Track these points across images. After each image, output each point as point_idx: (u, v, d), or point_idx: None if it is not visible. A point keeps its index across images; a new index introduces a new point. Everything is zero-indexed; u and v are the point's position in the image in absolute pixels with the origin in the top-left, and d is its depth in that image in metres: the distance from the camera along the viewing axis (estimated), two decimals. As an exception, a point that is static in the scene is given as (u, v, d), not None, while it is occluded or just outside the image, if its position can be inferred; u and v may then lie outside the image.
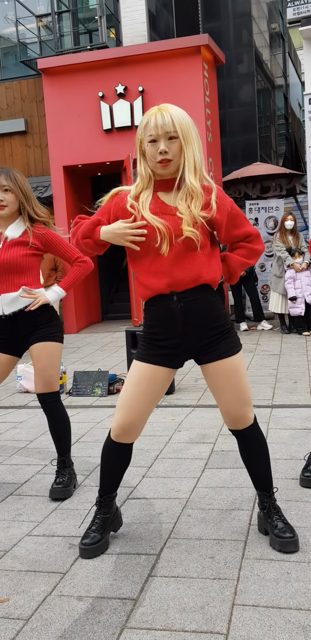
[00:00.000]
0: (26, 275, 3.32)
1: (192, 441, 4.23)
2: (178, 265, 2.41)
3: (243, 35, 15.86)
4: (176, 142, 2.34)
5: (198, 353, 2.55)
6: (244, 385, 2.57)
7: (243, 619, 2.11)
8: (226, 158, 13.45)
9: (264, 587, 2.31)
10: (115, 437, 2.61)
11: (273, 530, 2.61)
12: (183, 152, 2.36)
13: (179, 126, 2.33)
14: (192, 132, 2.38)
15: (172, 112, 2.35)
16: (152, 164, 2.39)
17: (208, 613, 2.16)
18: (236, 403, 2.55)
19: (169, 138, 2.34)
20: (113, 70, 10.91)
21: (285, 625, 2.07)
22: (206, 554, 2.60)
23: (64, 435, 3.46)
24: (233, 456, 3.80)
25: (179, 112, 2.38)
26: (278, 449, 3.91)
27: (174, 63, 10.65)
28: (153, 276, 2.45)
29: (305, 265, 9.14)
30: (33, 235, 3.30)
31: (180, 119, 2.35)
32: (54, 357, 3.34)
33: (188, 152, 2.35)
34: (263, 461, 2.67)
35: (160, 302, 2.48)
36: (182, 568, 2.49)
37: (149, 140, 2.37)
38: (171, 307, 2.46)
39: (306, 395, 5.38)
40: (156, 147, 2.35)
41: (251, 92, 15.76)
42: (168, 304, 2.47)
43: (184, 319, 2.48)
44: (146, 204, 2.41)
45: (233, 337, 2.56)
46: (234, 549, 2.62)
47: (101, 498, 2.73)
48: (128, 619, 2.16)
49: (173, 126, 2.32)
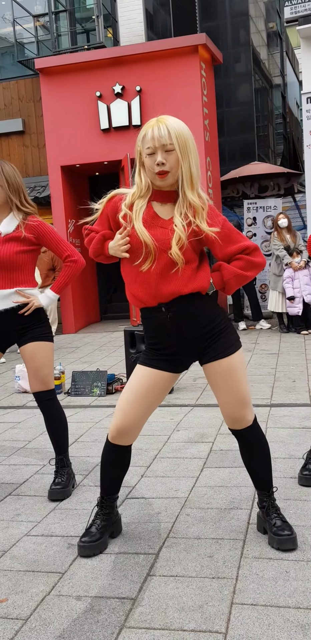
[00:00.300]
0: (21, 272, 3.30)
1: (191, 440, 4.23)
2: (162, 278, 2.43)
3: (240, 34, 15.84)
4: (173, 154, 2.35)
5: (199, 355, 2.57)
6: (243, 385, 2.56)
7: (242, 618, 2.11)
8: (224, 157, 13.45)
9: (263, 586, 2.31)
10: (112, 439, 2.63)
11: (271, 529, 2.62)
12: (180, 165, 2.36)
13: (175, 138, 2.34)
14: (189, 144, 2.38)
15: (169, 124, 2.35)
16: (151, 176, 2.41)
17: (206, 612, 2.16)
18: (234, 404, 2.55)
19: (166, 150, 2.35)
20: (111, 70, 10.90)
21: (283, 624, 2.07)
22: (205, 553, 2.60)
23: (61, 434, 3.46)
24: (231, 455, 3.80)
25: (177, 124, 2.38)
26: (277, 447, 3.91)
27: (171, 62, 10.65)
28: (139, 286, 2.48)
29: (303, 263, 9.15)
30: (26, 227, 3.26)
31: (177, 131, 2.35)
32: (48, 356, 3.35)
33: (185, 165, 2.36)
34: (263, 462, 2.68)
35: (150, 313, 2.51)
36: (181, 567, 2.49)
37: (148, 153, 2.38)
38: (161, 318, 2.49)
39: (305, 394, 5.38)
40: (154, 159, 2.36)
41: (249, 91, 15.75)
42: (157, 315, 2.49)
43: (176, 328, 2.49)
44: (140, 214, 2.42)
45: (230, 336, 2.55)
46: (233, 548, 2.62)
47: (103, 499, 2.73)
48: (127, 618, 2.16)
49: (169, 138, 2.33)
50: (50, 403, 3.40)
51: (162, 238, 2.40)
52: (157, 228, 2.41)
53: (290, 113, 22.78)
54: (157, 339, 2.54)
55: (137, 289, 2.49)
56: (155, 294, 2.45)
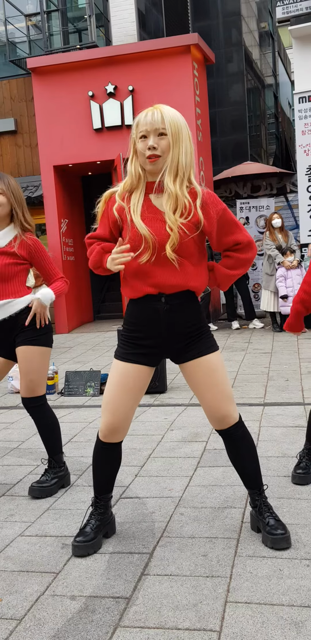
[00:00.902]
0: (11, 282, 3.28)
1: (184, 440, 4.24)
2: (166, 269, 2.43)
3: (232, 34, 15.88)
4: (165, 139, 2.36)
5: (175, 353, 2.59)
6: (225, 382, 2.58)
7: (236, 616, 2.12)
8: (216, 157, 13.48)
9: (256, 584, 2.32)
10: (103, 438, 2.63)
11: (265, 528, 2.63)
12: (170, 150, 2.36)
13: (168, 124, 2.35)
14: (182, 133, 2.39)
15: (163, 110, 2.38)
16: (142, 160, 2.41)
17: (201, 611, 2.17)
18: (217, 400, 2.56)
19: (159, 134, 2.36)
20: (103, 69, 10.89)
21: (277, 621, 2.07)
22: (199, 552, 2.61)
23: (51, 438, 3.45)
24: (225, 454, 3.80)
25: (172, 111, 2.40)
26: (270, 446, 3.92)
27: (164, 62, 10.65)
28: (141, 278, 2.47)
29: (296, 262, 9.18)
30: (20, 244, 3.26)
31: (171, 117, 2.37)
32: (35, 362, 3.29)
33: (174, 152, 2.36)
34: (251, 459, 2.68)
35: (147, 302, 2.50)
36: (175, 566, 2.49)
37: (140, 137, 2.40)
38: (158, 308, 2.49)
39: (298, 393, 5.40)
40: (146, 143, 2.38)
41: (241, 91, 15.79)
42: (155, 305, 2.49)
43: (168, 321, 2.51)
44: (138, 207, 2.42)
45: (209, 339, 2.59)
46: (227, 546, 2.63)
47: (97, 499, 2.73)
48: (121, 617, 2.16)
49: (162, 123, 2.35)
50: (36, 410, 3.38)
51: (163, 230, 2.39)
52: (157, 221, 2.41)
53: (282, 113, 22.85)
54: (142, 327, 2.54)
55: (137, 281, 2.49)
56: (158, 283, 2.45)
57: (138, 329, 2.55)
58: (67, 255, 11.72)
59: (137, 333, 2.55)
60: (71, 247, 11.90)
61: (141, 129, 2.39)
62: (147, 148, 2.37)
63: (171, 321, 2.51)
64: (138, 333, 2.55)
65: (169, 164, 2.37)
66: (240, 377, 6.22)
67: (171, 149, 2.36)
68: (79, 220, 12.62)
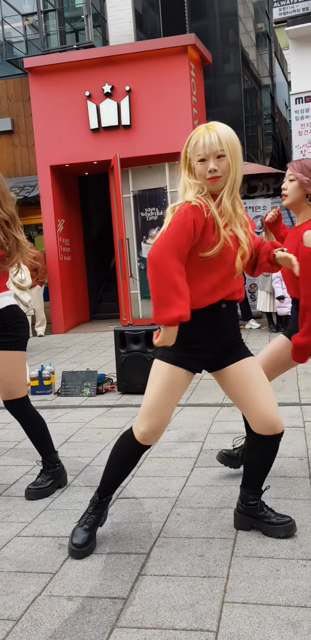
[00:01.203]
0: None
1: (181, 440, 4.24)
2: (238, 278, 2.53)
3: (229, 34, 15.90)
4: (224, 160, 2.40)
5: (221, 358, 2.59)
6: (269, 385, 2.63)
7: (233, 616, 2.12)
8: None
9: (253, 584, 2.32)
10: (143, 441, 2.56)
11: (271, 520, 2.67)
12: (230, 170, 2.41)
13: (226, 144, 2.39)
14: (238, 150, 2.43)
15: (219, 131, 2.41)
16: (202, 181, 2.44)
17: (198, 611, 2.17)
18: (271, 398, 2.57)
19: (217, 157, 2.40)
20: (100, 69, 10.89)
21: (274, 621, 2.08)
22: (196, 552, 2.61)
23: (39, 439, 3.42)
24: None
25: (226, 131, 2.43)
26: (267, 447, 3.93)
27: (161, 63, 10.66)
28: (221, 289, 2.48)
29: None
30: None
31: (227, 138, 2.40)
32: (8, 367, 3.21)
33: (233, 171, 2.42)
34: (271, 463, 2.73)
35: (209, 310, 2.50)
36: (172, 567, 2.50)
37: (198, 160, 2.42)
38: (220, 314, 2.52)
39: (294, 393, 5.40)
40: (205, 165, 2.40)
41: (238, 91, 15.81)
42: (217, 311, 2.52)
43: (225, 326, 2.55)
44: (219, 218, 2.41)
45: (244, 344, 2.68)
46: (224, 546, 2.63)
47: (100, 500, 2.71)
48: (118, 618, 2.16)
49: (220, 145, 2.38)
50: (19, 412, 3.34)
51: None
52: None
53: (279, 114, 22.88)
54: (200, 336, 2.52)
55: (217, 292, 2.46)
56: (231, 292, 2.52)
57: (198, 335, 2.52)
58: (64, 255, 11.71)
59: (194, 337, 2.52)
60: (67, 247, 11.89)
61: (199, 152, 2.41)
62: (208, 171, 2.40)
63: (225, 327, 2.56)
64: (196, 337, 2.52)
65: (229, 182, 2.42)
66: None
67: (231, 168, 2.41)
68: (76, 220, 12.62)
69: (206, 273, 2.45)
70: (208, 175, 2.39)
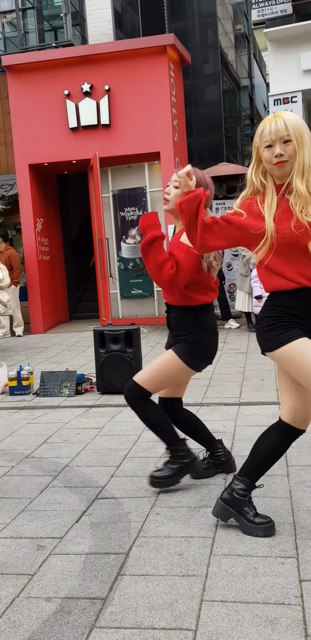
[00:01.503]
0: None
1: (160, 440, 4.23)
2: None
3: (208, 35, 15.96)
4: (290, 144, 2.47)
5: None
6: None
7: (212, 615, 2.13)
8: (192, 158, 13.51)
9: (232, 582, 2.34)
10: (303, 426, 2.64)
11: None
12: (297, 154, 2.47)
13: (292, 130, 2.46)
14: (305, 135, 2.49)
15: (285, 118, 2.49)
16: (269, 167, 2.53)
17: (176, 610, 2.17)
18: None
19: (284, 142, 2.47)
20: (79, 68, 10.85)
21: (252, 619, 2.09)
22: (175, 551, 2.61)
23: None
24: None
25: (293, 117, 2.51)
26: (245, 445, 3.95)
27: (140, 62, 10.65)
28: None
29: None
30: None
31: (293, 123, 2.48)
32: None
33: (300, 155, 2.47)
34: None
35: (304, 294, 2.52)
36: (151, 566, 2.50)
37: (265, 146, 2.51)
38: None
39: (273, 392, 5.44)
40: (272, 151, 2.49)
41: (217, 92, 15.87)
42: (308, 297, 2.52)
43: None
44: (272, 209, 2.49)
45: None
46: (203, 545, 2.64)
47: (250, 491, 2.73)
48: (97, 618, 2.16)
49: (286, 130, 2.46)
50: None
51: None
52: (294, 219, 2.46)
53: (258, 115, 23.02)
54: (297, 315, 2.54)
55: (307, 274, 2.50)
56: None
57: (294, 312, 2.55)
58: (43, 254, 11.63)
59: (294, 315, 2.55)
60: (46, 246, 11.81)
61: (266, 139, 2.49)
62: (274, 156, 2.47)
63: None
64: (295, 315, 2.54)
65: (297, 166, 2.47)
66: (216, 376, 6.25)
67: (297, 153, 2.47)
68: (55, 219, 12.54)
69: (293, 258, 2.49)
70: (274, 160, 2.48)
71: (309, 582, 2.29)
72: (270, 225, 2.46)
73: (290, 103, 11.07)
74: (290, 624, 2.05)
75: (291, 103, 11.05)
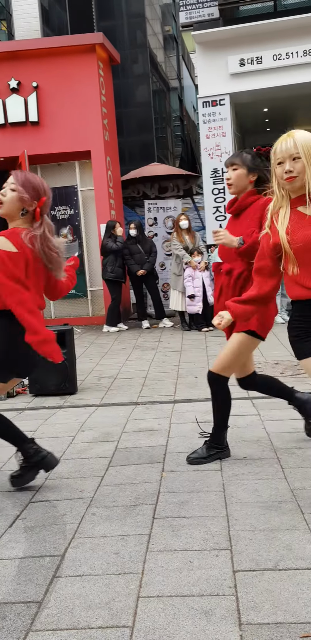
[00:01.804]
0: None
1: (96, 440, 4.23)
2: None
3: (137, 35, 16.01)
4: (299, 161, 2.66)
5: None
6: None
7: (148, 610, 2.15)
8: (124, 157, 13.54)
9: (168, 577, 2.36)
10: None
11: None
12: (306, 170, 2.66)
13: (301, 148, 2.65)
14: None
15: (295, 137, 2.68)
16: (282, 183, 2.73)
17: (113, 608, 2.18)
18: None
19: (293, 159, 2.67)
20: (5, 64, 10.62)
21: (188, 612, 2.12)
22: (111, 550, 2.61)
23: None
24: (136, 453, 3.84)
25: (303, 135, 2.69)
26: (180, 442, 4.00)
27: (69, 60, 10.56)
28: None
29: (204, 265, 9.41)
30: None
31: (303, 141, 2.67)
32: None
33: (309, 170, 2.66)
34: None
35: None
36: (87, 566, 2.49)
37: (277, 163, 2.72)
38: None
39: (207, 389, 5.51)
40: (283, 167, 2.70)
41: (147, 92, 15.96)
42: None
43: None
44: (285, 221, 2.73)
45: None
46: (139, 543, 2.66)
47: None
48: (33, 622, 2.13)
49: (295, 148, 2.66)
50: None
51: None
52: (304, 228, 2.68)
53: (187, 116, 23.31)
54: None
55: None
56: None
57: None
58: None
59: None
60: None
61: (278, 157, 2.71)
62: (285, 172, 2.68)
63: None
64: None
65: (308, 180, 2.66)
66: (151, 375, 6.29)
67: (307, 168, 2.65)
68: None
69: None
70: (285, 176, 2.68)
71: (242, 572, 2.35)
72: (283, 237, 2.70)
73: (218, 105, 11.27)
74: (224, 614, 2.09)
75: (219, 106, 11.26)
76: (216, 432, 3.65)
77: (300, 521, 2.75)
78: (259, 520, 2.78)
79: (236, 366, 3.60)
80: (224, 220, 11.14)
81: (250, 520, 2.79)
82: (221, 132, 11.26)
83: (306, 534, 2.62)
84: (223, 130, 11.26)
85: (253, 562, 2.42)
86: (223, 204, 11.30)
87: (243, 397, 5.12)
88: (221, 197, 11.36)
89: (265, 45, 10.81)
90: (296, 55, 10.80)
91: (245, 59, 10.98)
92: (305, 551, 2.47)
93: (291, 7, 11.12)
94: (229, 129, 11.26)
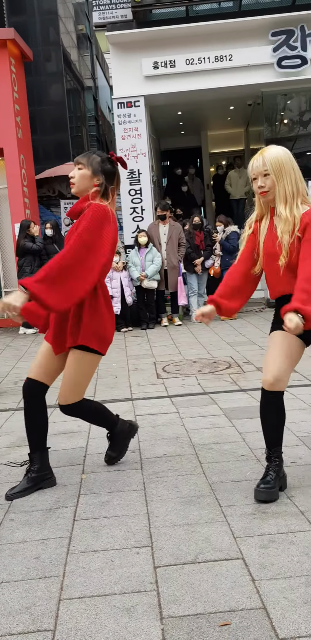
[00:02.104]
0: None
1: (13, 445, 4.14)
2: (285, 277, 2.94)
3: (50, 33, 15.77)
4: (269, 177, 2.90)
5: None
6: None
7: (70, 612, 2.14)
8: (38, 156, 13.29)
9: (89, 578, 2.36)
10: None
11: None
12: (275, 185, 2.90)
13: (270, 165, 2.88)
14: (285, 167, 2.89)
15: (264, 154, 2.91)
16: (257, 196, 3.00)
17: (34, 613, 2.15)
18: None
19: (264, 175, 2.91)
20: None
21: (110, 610, 2.14)
22: (31, 555, 2.58)
23: None
24: (56, 455, 3.80)
25: (273, 152, 2.91)
26: (100, 443, 4.00)
27: (-21, 55, 10.25)
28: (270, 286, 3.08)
29: (121, 265, 9.43)
30: None
31: (271, 158, 2.89)
32: None
33: (279, 186, 2.90)
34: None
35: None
36: (6, 573, 2.44)
37: (252, 179, 2.97)
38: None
39: (126, 389, 5.57)
40: (256, 182, 2.96)
41: (61, 91, 15.75)
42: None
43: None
44: (264, 230, 3.00)
45: None
46: (59, 545, 2.64)
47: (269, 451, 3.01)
48: None
49: (264, 166, 2.89)
50: None
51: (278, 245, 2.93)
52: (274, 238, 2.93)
53: (103, 116, 23.27)
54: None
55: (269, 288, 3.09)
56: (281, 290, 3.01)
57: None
58: None
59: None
60: None
61: (252, 173, 2.96)
62: (258, 187, 2.94)
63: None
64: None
65: (278, 195, 2.90)
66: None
67: (276, 184, 2.89)
68: None
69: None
70: (259, 191, 2.94)
71: (163, 568, 2.40)
72: (261, 244, 3.00)
73: (133, 107, 11.32)
74: (146, 609, 2.13)
75: (134, 107, 11.31)
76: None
77: (218, 514, 2.83)
78: (179, 516, 2.84)
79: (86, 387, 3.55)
80: (141, 222, 11.21)
81: (170, 516, 2.84)
82: (137, 134, 11.33)
83: (224, 526, 2.71)
84: (138, 132, 11.32)
85: (174, 557, 2.47)
86: (140, 205, 11.38)
87: (163, 396, 5.20)
88: (138, 198, 11.43)
89: (178, 49, 10.97)
90: (208, 60, 11.04)
91: (159, 62, 11.09)
92: (223, 543, 2.55)
93: (203, 13, 11.33)
94: (145, 130, 11.34)
